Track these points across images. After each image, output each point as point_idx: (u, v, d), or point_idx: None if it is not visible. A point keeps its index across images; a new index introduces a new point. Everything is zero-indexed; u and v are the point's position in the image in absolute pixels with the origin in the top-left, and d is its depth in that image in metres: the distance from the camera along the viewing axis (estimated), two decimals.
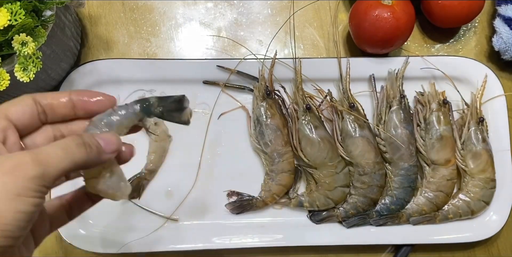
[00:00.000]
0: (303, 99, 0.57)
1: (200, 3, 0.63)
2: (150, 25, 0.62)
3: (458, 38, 0.64)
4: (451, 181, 0.57)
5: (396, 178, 0.57)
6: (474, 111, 0.58)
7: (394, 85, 0.58)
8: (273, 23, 0.62)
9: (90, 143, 0.30)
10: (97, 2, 0.62)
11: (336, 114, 0.58)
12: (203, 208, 0.58)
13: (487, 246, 0.60)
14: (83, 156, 0.30)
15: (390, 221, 0.57)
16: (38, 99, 0.32)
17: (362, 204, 0.57)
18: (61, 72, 0.55)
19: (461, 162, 0.58)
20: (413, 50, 0.63)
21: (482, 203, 0.58)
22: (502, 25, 0.60)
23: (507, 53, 0.60)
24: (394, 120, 0.57)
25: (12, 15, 0.41)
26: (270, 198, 0.57)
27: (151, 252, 0.56)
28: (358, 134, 0.57)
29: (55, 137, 0.34)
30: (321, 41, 0.63)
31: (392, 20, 0.55)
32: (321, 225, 0.58)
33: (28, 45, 0.41)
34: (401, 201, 0.57)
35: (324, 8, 0.63)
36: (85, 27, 0.61)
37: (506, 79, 0.62)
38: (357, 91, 0.59)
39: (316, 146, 0.56)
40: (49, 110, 0.33)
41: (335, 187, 0.57)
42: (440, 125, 0.57)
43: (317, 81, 0.59)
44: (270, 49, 0.60)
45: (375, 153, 0.57)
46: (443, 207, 0.58)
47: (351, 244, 0.57)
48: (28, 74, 0.43)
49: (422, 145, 0.58)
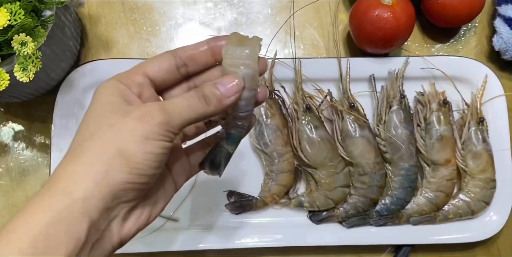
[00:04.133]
0: (303, 99, 0.57)
1: (200, 3, 0.63)
2: (150, 25, 0.62)
3: (458, 38, 0.64)
4: (451, 181, 0.57)
5: (396, 178, 0.57)
6: (474, 111, 0.58)
7: (394, 85, 0.58)
8: (273, 23, 0.62)
9: (210, 94, 0.33)
10: (97, 2, 0.62)
11: (336, 114, 0.58)
12: (203, 208, 0.58)
13: (487, 246, 0.60)
14: (203, 107, 0.32)
15: (390, 221, 0.57)
16: (179, 54, 0.35)
17: (362, 204, 0.57)
18: (60, 72, 0.55)
19: (461, 162, 0.58)
20: (413, 50, 0.63)
21: (482, 203, 0.57)
22: (502, 25, 0.60)
23: (507, 53, 0.59)
24: (394, 121, 0.57)
25: (12, 15, 0.41)
26: (270, 198, 0.57)
27: (151, 252, 0.55)
28: (358, 134, 0.57)
29: (189, 89, 0.36)
30: (321, 41, 0.62)
31: (392, 20, 0.55)
32: (321, 225, 0.58)
33: (28, 45, 0.41)
34: (401, 201, 0.57)
35: (324, 8, 0.63)
36: (84, 27, 0.61)
37: (506, 79, 0.62)
38: (357, 91, 0.59)
39: (316, 146, 0.56)
40: (190, 62, 0.35)
41: (335, 187, 0.57)
42: (440, 125, 0.57)
43: (317, 81, 0.59)
44: (270, 49, 0.60)
45: (375, 153, 0.57)
46: (443, 207, 0.58)
47: (351, 244, 0.57)
48: (28, 74, 0.42)
49: (422, 145, 0.58)
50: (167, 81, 0.35)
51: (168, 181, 0.36)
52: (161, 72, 0.34)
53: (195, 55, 0.35)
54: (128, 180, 0.30)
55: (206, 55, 0.35)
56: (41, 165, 0.58)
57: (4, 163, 0.58)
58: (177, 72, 0.35)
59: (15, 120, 0.59)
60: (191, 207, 0.58)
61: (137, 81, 0.33)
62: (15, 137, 0.59)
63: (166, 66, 0.34)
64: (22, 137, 0.59)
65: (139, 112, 0.31)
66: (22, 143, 0.59)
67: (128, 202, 0.31)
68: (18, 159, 0.59)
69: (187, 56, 0.35)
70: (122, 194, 0.30)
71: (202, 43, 0.35)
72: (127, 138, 0.30)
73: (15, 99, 0.55)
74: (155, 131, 0.30)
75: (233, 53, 0.33)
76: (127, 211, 0.32)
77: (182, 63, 0.35)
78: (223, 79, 0.33)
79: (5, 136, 0.59)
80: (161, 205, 0.35)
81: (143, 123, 0.30)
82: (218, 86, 0.33)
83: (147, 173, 0.30)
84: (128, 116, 0.31)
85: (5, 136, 0.59)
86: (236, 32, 0.35)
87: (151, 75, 0.34)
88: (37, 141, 0.59)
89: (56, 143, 0.56)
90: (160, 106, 0.31)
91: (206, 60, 0.36)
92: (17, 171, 0.58)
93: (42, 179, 0.58)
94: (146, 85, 0.34)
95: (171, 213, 0.57)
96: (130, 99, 0.33)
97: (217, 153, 0.37)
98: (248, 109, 0.35)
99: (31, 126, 0.59)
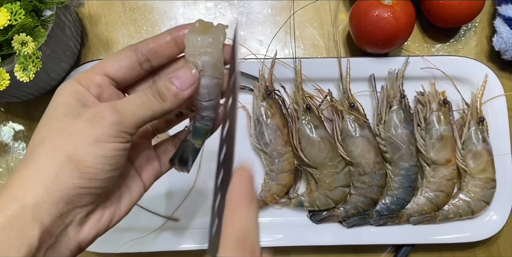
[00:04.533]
0: (303, 99, 0.57)
1: (200, 3, 0.63)
2: (150, 25, 0.62)
3: (458, 38, 0.64)
4: (451, 181, 0.57)
5: (396, 178, 0.57)
6: (474, 111, 0.58)
7: (394, 85, 0.58)
8: (273, 23, 0.62)
9: (164, 89, 0.32)
10: (97, 2, 0.62)
11: (336, 114, 0.58)
12: (203, 208, 0.58)
13: (487, 246, 0.60)
14: (158, 104, 0.31)
15: (390, 221, 0.57)
16: (140, 48, 0.33)
17: (362, 204, 0.57)
18: (61, 72, 0.55)
19: (461, 161, 0.58)
20: (413, 50, 0.63)
21: (483, 203, 0.57)
22: (502, 25, 0.60)
23: (507, 53, 0.59)
24: (394, 120, 0.57)
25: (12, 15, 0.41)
26: (270, 198, 0.57)
27: (151, 252, 0.55)
28: (358, 134, 0.57)
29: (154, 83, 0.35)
30: (321, 41, 0.63)
31: (392, 20, 0.55)
32: (321, 225, 0.58)
33: (28, 45, 0.41)
34: (401, 201, 0.57)
35: (324, 8, 0.63)
36: (85, 27, 0.61)
37: (506, 79, 0.62)
38: (357, 91, 0.59)
39: (316, 146, 0.56)
40: (153, 56, 0.34)
41: (335, 187, 0.57)
42: (441, 125, 0.57)
43: (317, 81, 0.59)
44: (270, 49, 0.60)
45: (375, 153, 0.57)
46: (444, 207, 0.58)
47: (351, 244, 0.57)
48: (28, 74, 0.42)
49: (423, 144, 0.58)
50: (130, 78, 0.34)
51: (134, 180, 0.35)
52: (122, 70, 0.33)
53: (157, 48, 0.34)
54: (80, 185, 0.29)
55: (169, 47, 0.34)
56: None
57: (4, 163, 0.59)
58: (140, 68, 0.34)
59: (16, 120, 0.59)
60: (191, 207, 0.58)
61: (96, 81, 0.32)
62: (16, 136, 0.59)
63: (127, 63, 0.33)
64: (22, 137, 0.59)
65: (89, 114, 0.30)
66: (22, 143, 0.59)
67: (84, 207, 0.30)
68: (18, 158, 0.59)
69: (148, 50, 0.33)
70: (75, 199, 0.29)
71: (165, 34, 0.34)
72: (78, 141, 0.29)
73: (15, 99, 0.55)
74: (106, 132, 0.29)
75: (194, 42, 0.33)
76: (84, 216, 0.31)
77: (144, 58, 0.34)
78: (178, 72, 0.32)
79: (6, 135, 0.59)
80: (125, 206, 0.34)
81: (94, 126, 0.29)
82: (172, 80, 0.32)
83: (100, 177, 0.30)
84: (79, 119, 0.30)
85: (5, 136, 0.59)
86: (201, 20, 0.34)
87: (112, 74, 0.33)
88: None
89: None
90: (112, 106, 0.30)
91: (170, 52, 0.34)
92: None
93: None
94: (106, 85, 0.33)
95: (171, 213, 0.57)
96: (86, 100, 0.31)
97: (185, 148, 0.36)
98: (211, 98, 0.34)
99: (32, 126, 0.59)
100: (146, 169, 0.36)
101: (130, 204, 0.35)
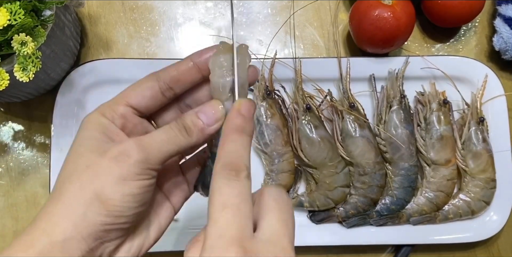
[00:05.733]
0: (303, 99, 0.57)
1: (200, 3, 0.63)
2: (150, 25, 0.62)
3: (459, 38, 0.64)
4: (451, 181, 0.57)
5: (396, 178, 0.57)
6: (474, 111, 0.58)
7: (394, 85, 0.58)
8: (273, 23, 0.62)
9: (191, 124, 0.31)
10: (97, 2, 0.62)
11: (336, 114, 0.58)
12: (203, 208, 0.58)
13: (487, 246, 0.60)
14: (184, 139, 0.31)
15: (390, 221, 0.57)
16: (162, 77, 0.33)
17: (362, 204, 0.57)
18: (60, 72, 0.55)
19: (461, 162, 0.58)
20: (413, 50, 0.63)
21: (483, 203, 0.57)
22: (502, 25, 0.60)
23: (507, 53, 0.59)
24: (394, 120, 0.57)
25: (12, 15, 0.41)
26: None
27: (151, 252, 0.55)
28: (358, 134, 0.57)
29: (182, 111, 0.35)
30: (321, 41, 0.62)
31: (392, 20, 0.55)
32: (321, 225, 0.58)
33: (28, 45, 0.41)
34: (401, 201, 0.57)
35: (324, 8, 0.63)
36: (84, 27, 0.61)
37: (506, 79, 0.62)
38: (357, 91, 0.59)
39: (316, 146, 0.56)
40: (175, 84, 0.33)
41: (335, 187, 0.57)
42: (441, 125, 0.57)
43: (317, 81, 0.59)
44: (270, 49, 0.60)
45: (375, 153, 0.57)
46: (444, 207, 0.58)
47: (351, 244, 0.57)
48: (28, 74, 0.42)
49: (423, 145, 0.58)
50: (153, 107, 0.34)
51: (163, 206, 0.35)
52: (144, 100, 0.33)
53: (179, 76, 0.33)
54: (107, 222, 0.29)
55: (192, 74, 0.33)
56: (41, 165, 0.58)
57: (4, 163, 0.58)
58: (163, 97, 0.33)
59: (15, 120, 0.59)
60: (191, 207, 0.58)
61: (120, 112, 0.32)
62: (15, 136, 0.59)
63: (149, 93, 0.33)
64: (22, 137, 0.59)
65: (115, 152, 0.30)
66: (22, 143, 0.59)
67: (113, 241, 0.31)
68: (18, 158, 0.59)
69: (170, 78, 0.33)
70: (103, 234, 0.29)
71: (186, 61, 0.33)
72: (104, 180, 0.29)
73: (15, 99, 0.55)
74: (132, 170, 0.29)
75: (222, 63, 0.32)
76: (113, 249, 0.31)
77: (166, 87, 0.33)
78: (204, 107, 0.32)
79: (5, 135, 0.59)
80: (154, 234, 0.34)
81: (119, 164, 0.29)
82: (199, 115, 0.32)
83: (127, 214, 0.30)
84: (105, 156, 0.30)
85: (5, 136, 0.59)
86: (224, 42, 0.33)
87: (134, 104, 0.33)
88: (37, 141, 0.59)
89: (56, 142, 0.56)
90: (137, 143, 0.30)
91: (192, 79, 0.34)
92: (17, 170, 0.58)
93: (42, 179, 0.58)
94: (129, 115, 0.33)
95: None
96: (111, 133, 0.32)
97: (206, 173, 0.35)
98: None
99: (31, 126, 0.59)
100: (175, 192, 0.36)
101: (159, 231, 0.35)
